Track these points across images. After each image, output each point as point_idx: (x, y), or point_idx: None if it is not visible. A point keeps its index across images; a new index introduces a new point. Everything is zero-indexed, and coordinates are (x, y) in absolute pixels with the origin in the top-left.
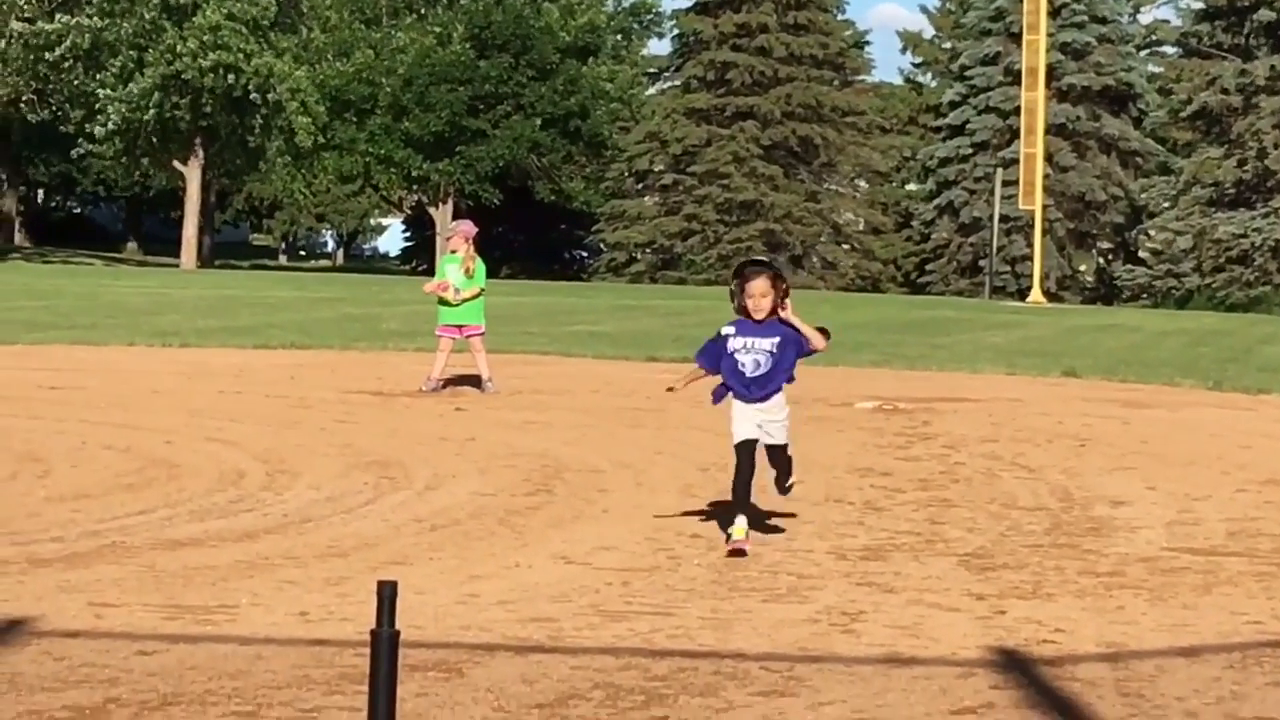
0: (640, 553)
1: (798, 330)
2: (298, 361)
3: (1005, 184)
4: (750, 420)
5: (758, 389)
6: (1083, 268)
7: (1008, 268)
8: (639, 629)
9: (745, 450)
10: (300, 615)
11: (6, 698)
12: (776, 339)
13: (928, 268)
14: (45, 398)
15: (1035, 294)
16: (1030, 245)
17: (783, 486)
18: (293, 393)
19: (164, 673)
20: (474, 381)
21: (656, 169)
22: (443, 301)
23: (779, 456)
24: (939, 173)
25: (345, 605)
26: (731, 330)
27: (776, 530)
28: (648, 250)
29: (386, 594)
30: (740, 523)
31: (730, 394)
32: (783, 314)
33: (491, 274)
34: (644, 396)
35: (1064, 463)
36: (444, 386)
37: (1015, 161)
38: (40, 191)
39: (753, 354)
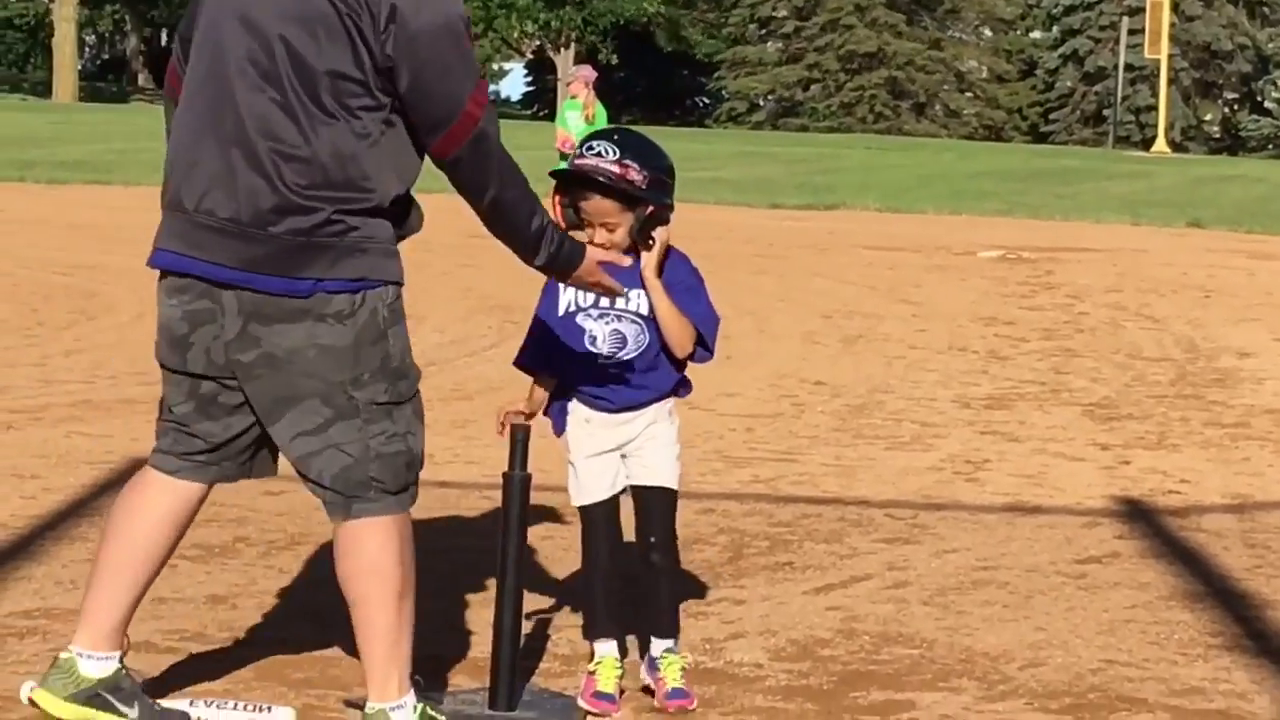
0: (764, 399)
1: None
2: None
3: (1131, 32)
4: (606, 449)
5: (624, 386)
6: (1208, 118)
7: (1132, 117)
8: (763, 475)
9: (601, 518)
10: (427, 458)
11: None
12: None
13: (1051, 116)
14: None
15: (1160, 144)
16: (1155, 94)
17: (659, 580)
18: (416, 237)
19: (291, 513)
20: None
21: (779, 15)
22: (563, 155)
23: (658, 506)
24: (1064, 21)
25: (471, 448)
26: None
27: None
28: (769, 98)
29: (520, 437)
30: (606, 653)
31: (572, 404)
32: (646, 258)
33: (612, 120)
34: (766, 243)
35: (1189, 313)
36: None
37: (1141, 10)
38: (163, 32)
39: (612, 319)
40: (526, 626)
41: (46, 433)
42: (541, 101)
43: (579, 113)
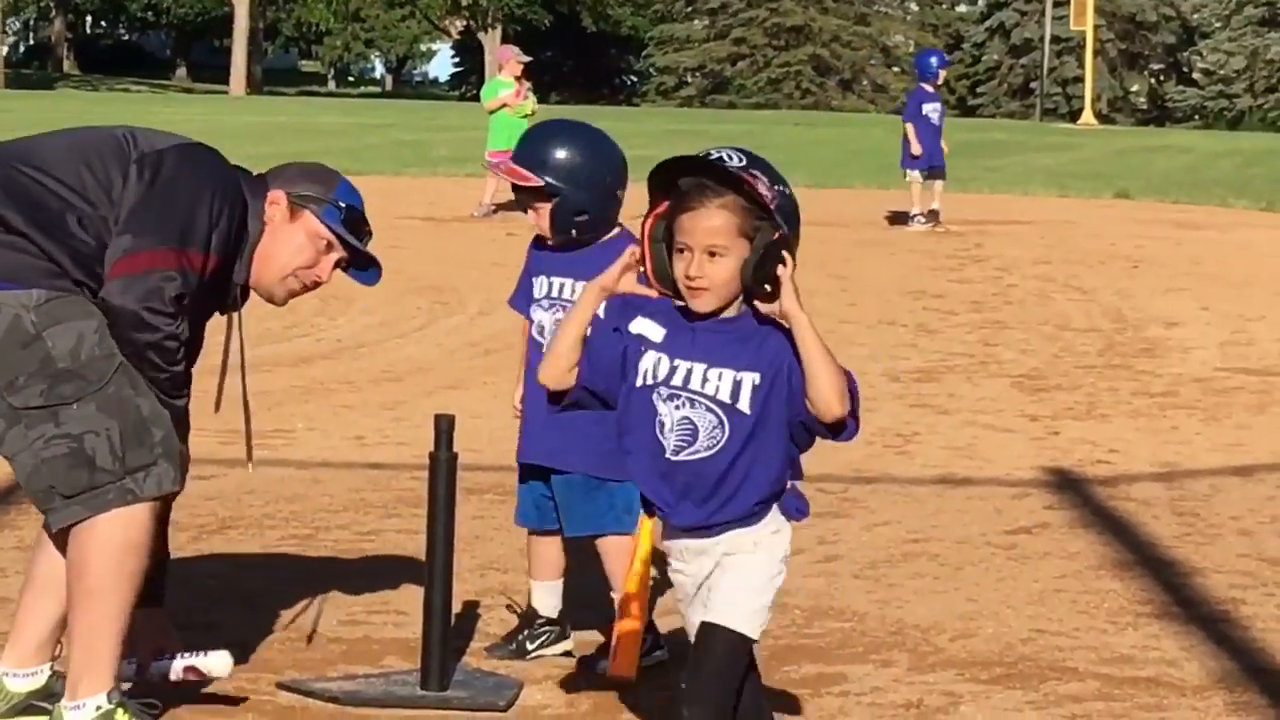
0: None
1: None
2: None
3: (1056, 4)
4: (688, 593)
5: (687, 500)
6: (1134, 89)
7: (1059, 89)
8: None
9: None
10: (356, 439)
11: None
12: (755, 373)
13: (979, 90)
14: None
15: (1087, 115)
16: (1081, 66)
17: None
18: None
19: (221, 497)
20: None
21: None
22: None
23: (712, 645)
24: None
25: (401, 429)
26: (651, 328)
27: None
28: (697, 74)
29: (444, 427)
30: None
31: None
32: (766, 306)
33: (541, 100)
34: None
35: (1117, 284)
36: (495, 211)
37: None
38: (88, 18)
39: (683, 403)
40: (457, 606)
41: None
42: (469, 83)
43: (511, 91)
